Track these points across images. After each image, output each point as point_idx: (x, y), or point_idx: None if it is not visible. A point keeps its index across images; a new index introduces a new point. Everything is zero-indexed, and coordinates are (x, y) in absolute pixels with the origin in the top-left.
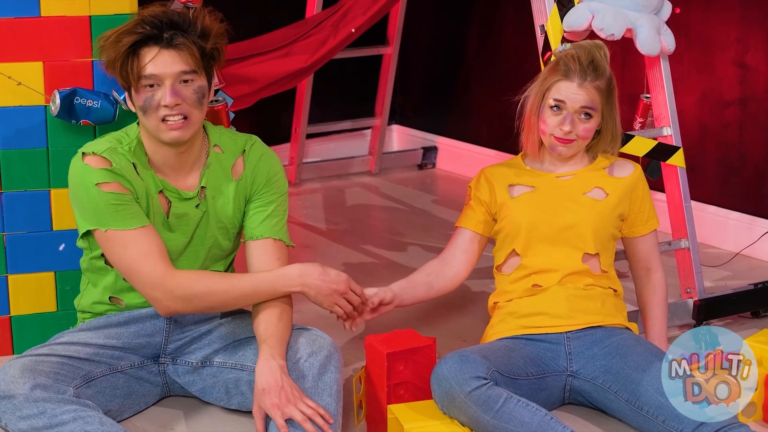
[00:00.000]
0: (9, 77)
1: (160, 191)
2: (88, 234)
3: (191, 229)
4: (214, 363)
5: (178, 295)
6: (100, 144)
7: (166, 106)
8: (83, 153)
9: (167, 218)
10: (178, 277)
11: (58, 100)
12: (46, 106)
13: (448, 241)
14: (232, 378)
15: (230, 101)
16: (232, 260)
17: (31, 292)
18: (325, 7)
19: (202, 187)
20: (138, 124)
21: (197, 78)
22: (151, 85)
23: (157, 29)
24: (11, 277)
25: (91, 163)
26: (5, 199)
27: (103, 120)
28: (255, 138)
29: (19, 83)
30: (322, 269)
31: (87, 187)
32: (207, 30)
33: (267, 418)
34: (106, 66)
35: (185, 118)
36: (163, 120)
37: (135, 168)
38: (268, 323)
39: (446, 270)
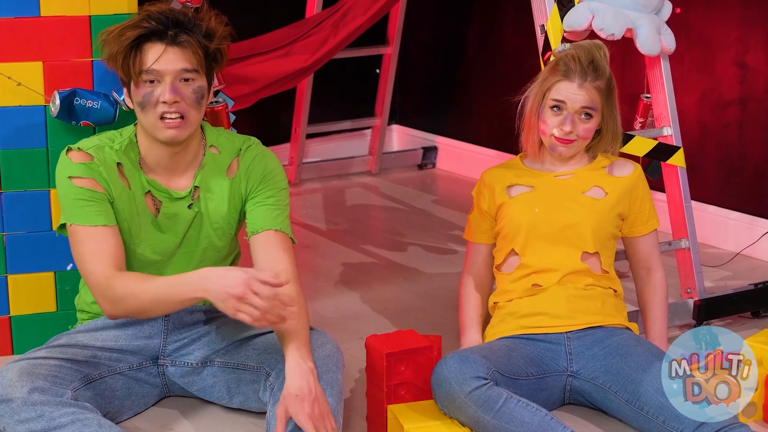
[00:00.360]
0: (9, 77)
1: (147, 192)
2: (63, 229)
3: (183, 229)
4: (216, 363)
5: (108, 296)
6: (90, 141)
7: (164, 103)
8: (69, 148)
9: (156, 218)
10: (112, 278)
11: (57, 101)
12: (45, 106)
13: (466, 258)
14: (233, 378)
15: (231, 103)
16: (231, 263)
17: (31, 292)
18: (325, 7)
19: (196, 187)
20: (135, 124)
21: (198, 78)
22: (152, 81)
23: (163, 25)
24: (11, 277)
25: (73, 157)
26: (5, 199)
27: (103, 121)
28: (253, 139)
29: (19, 83)
30: (222, 272)
31: (62, 180)
32: (212, 31)
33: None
34: (108, 59)
35: (182, 117)
36: (161, 118)
37: (121, 168)
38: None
39: (484, 292)
